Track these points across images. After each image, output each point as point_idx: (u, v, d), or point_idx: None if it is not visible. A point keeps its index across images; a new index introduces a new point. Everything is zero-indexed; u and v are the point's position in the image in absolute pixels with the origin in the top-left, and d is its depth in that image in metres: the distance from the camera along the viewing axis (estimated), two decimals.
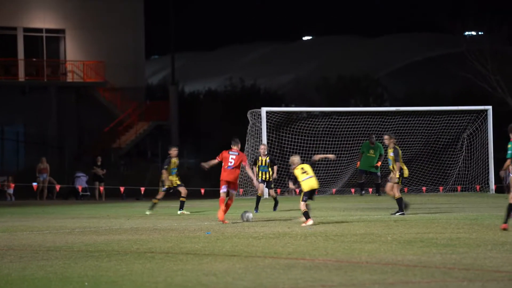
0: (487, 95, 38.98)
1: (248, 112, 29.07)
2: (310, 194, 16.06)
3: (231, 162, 16.36)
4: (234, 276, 9.03)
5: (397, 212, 17.71)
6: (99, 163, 33.25)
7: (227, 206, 16.55)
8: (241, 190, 27.59)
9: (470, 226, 14.43)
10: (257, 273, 9.22)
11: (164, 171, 19.84)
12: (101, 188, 32.29)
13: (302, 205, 15.88)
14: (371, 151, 27.01)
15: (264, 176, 20.38)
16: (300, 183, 16.19)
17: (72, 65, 42.19)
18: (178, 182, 19.93)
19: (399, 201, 17.75)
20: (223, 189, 16.48)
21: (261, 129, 28.43)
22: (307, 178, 16.06)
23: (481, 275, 8.98)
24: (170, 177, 19.83)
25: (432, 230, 13.89)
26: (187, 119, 45.13)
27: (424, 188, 28.74)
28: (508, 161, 13.70)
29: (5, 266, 10.31)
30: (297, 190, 25.47)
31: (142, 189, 29.25)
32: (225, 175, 16.43)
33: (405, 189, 29.77)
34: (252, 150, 28.72)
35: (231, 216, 17.57)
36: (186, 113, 45.38)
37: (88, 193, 33.34)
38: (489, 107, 30.48)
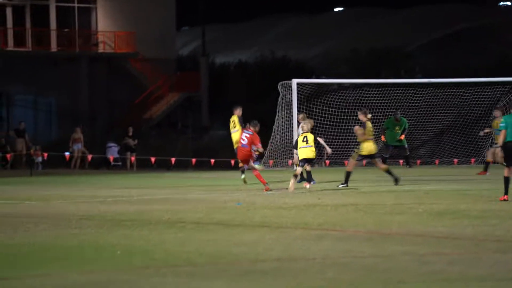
0: None
1: (279, 84, 28.97)
2: (306, 162, 17.24)
3: (244, 140, 17.52)
4: (265, 247, 9.08)
5: (342, 184, 17.77)
6: (130, 134, 33.47)
7: (258, 177, 17.33)
8: (270, 161, 27.61)
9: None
10: (288, 244, 9.26)
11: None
12: (132, 158, 32.55)
13: (299, 170, 17.22)
14: (397, 128, 26.85)
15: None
16: (298, 149, 17.31)
17: (103, 36, 42.33)
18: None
19: (347, 174, 17.86)
20: (257, 163, 17.75)
21: (291, 100, 28.36)
22: (305, 147, 17.11)
23: None
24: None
25: (463, 201, 13.82)
26: (217, 91, 45.13)
27: (455, 160, 28.52)
28: (502, 131, 14.28)
29: (39, 234, 10.48)
30: (290, 162, 25.78)
31: (173, 159, 29.42)
32: (238, 152, 17.74)
33: (436, 161, 29.59)
34: (282, 121, 28.69)
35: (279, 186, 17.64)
36: (216, 85, 45.38)
37: (120, 163, 33.64)
38: None
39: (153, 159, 29.76)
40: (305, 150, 17.22)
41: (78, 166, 32.51)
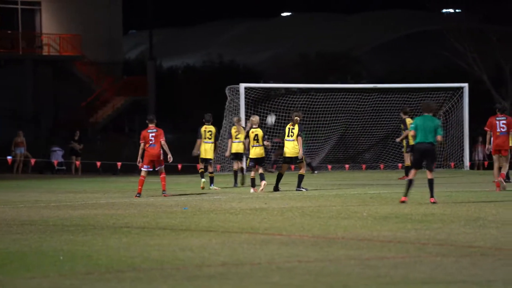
0: (465, 72, 39.16)
1: (227, 88, 28.98)
2: (256, 162, 16.97)
3: (151, 140, 16.65)
4: (211, 251, 9.04)
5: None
6: (77, 138, 33.04)
7: (162, 180, 16.95)
8: (218, 166, 27.57)
9: (444, 203, 14.56)
10: (234, 248, 9.24)
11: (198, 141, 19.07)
12: (77, 163, 32.11)
13: (252, 173, 17.10)
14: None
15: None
16: (250, 148, 17.15)
17: (48, 38, 41.73)
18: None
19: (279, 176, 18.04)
20: (144, 168, 16.81)
21: (239, 105, 28.38)
22: (255, 146, 16.96)
23: (455, 250, 9.08)
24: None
25: (407, 206, 14.00)
26: (165, 95, 44.91)
27: (400, 164, 28.92)
28: (411, 132, 14.49)
29: None
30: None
31: (119, 164, 29.15)
32: (148, 154, 16.71)
33: (381, 166, 29.95)
34: (229, 125, 28.67)
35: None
36: (164, 89, 45.16)
37: (64, 168, 33.18)
38: (465, 85, 30.65)
39: (98, 164, 29.43)
40: (256, 149, 17.01)
41: (21, 171, 31.94)
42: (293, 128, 17.31)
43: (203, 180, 19.13)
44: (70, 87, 41.20)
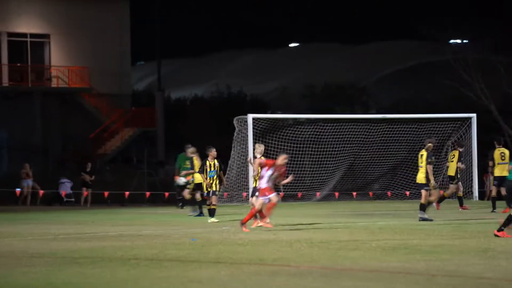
0: (472, 103, 39.20)
1: (234, 119, 29.06)
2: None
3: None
4: (219, 283, 9.02)
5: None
6: (88, 169, 33.00)
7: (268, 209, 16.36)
8: (225, 193, 27.56)
9: (453, 233, 14.50)
10: (242, 280, 9.21)
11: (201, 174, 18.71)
12: (86, 193, 32.05)
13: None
14: (187, 163, 24.79)
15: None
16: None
17: (57, 71, 42.03)
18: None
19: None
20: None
21: (247, 135, 28.44)
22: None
23: (464, 281, 9.02)
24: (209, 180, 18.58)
25: (416, 236, 13.94)
26: (173, 126, 45.06)
27: (407, 192, 28.85)
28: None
29: None
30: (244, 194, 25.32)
31: (127, 193, 29.16)
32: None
33: (388, 193, 29.85)
34: (238, 156, 28.70)
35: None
36: (172, 120, 45.32)
37: (73, 199, 33.17)
38: (473, 115, 30.65)
39: (106, 193, 29.46)
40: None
41: (29, 203, 31.94)
42: (423, 155, 17.34)
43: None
44: (78, 119, 41.39)
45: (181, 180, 23.14)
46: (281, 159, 16.09)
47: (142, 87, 64.17)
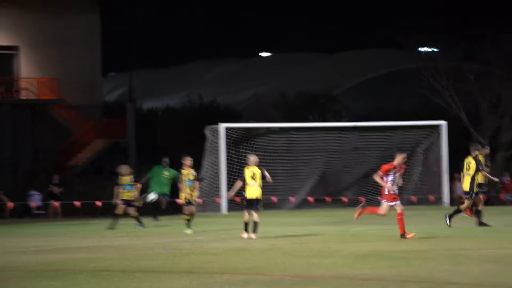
0: (443, 110, 39.56)
1: (206, 128, 29.03)
2: (252, 203, 15.97)
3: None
4: None
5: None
6: (56, 182, 32.74)
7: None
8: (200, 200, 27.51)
9: (423, 239, 14.60)
10: None
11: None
12: (56, 204, 31.73)
13: (246, 215, 16.14)
14: (165, 173, 24.30)
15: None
16: (246, 187, 16.09)
17: (26, 83, 41.69)
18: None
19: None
20: None
21: (219, 145, 28.42)
22: (253, 185, 15.99)
23: (435, 287, 9.08)
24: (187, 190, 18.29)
25: (387, 243, 14.02)
26: (145, 137, 44.86)
27: (379, 197, 29.04)
28: None
29: None
30: (238, 199, 25.00)
31: (99, 203, 28.96)
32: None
33: (362, 199, 30.00)
34: (211, 166, 28.66)
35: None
36: (144, 131, 45.12)
37: (43, 212, 32.83)
38: (444, 122, 30.94)
39: (79, 203, 29.25)
40: (253, 189, 16.01)
41: None
42: (470, 163, 17.36)
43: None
44: (48, 131, 41.03)
45: (151, 196, 23.23)
46: (400, 158, 15.57)
47: (113, 98, 63.87)
